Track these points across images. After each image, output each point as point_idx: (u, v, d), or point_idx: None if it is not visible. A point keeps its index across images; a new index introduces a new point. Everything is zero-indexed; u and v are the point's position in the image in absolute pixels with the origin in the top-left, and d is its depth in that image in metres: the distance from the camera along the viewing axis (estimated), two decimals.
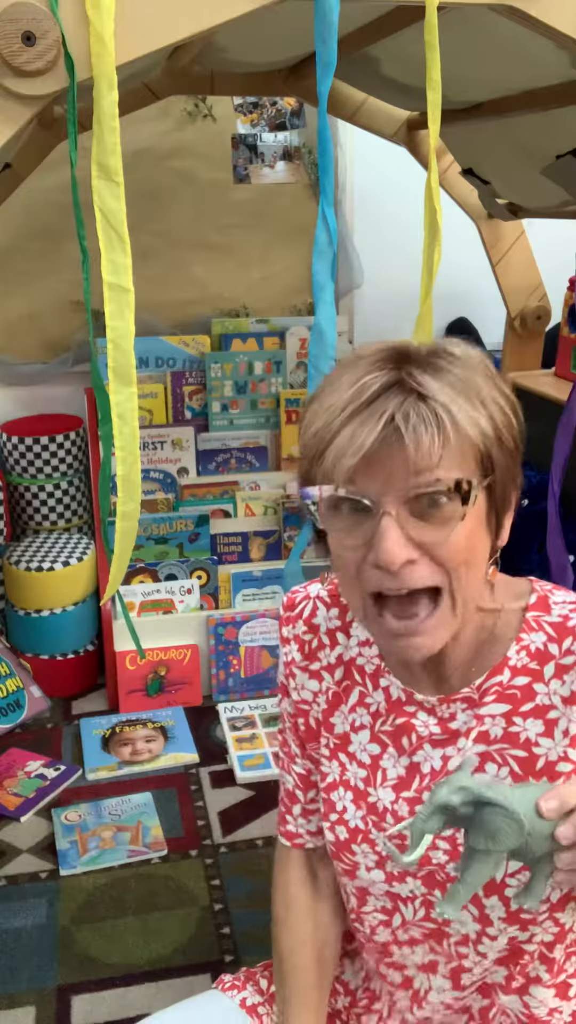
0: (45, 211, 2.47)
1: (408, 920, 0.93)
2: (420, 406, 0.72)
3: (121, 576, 1.27)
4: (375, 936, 0.96)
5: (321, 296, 1.19)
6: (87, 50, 1.02)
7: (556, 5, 1.13)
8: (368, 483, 0.74)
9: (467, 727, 0.86)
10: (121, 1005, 1.52)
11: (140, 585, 2.42)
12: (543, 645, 0.85)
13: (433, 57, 1.11)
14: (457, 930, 0.89)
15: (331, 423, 0.74)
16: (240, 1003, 1.03)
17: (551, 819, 0.66)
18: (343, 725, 0.94)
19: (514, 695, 0.85)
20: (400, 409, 0.72)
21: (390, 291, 2.69)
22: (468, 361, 0.77)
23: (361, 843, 0.92)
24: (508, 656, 0.85)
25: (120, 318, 1.11)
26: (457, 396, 0.73)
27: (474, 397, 0.74)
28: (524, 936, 0.87)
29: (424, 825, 0.69)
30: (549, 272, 2.46)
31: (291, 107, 2.58)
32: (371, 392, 0.73)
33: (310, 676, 0.96)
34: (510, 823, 0.66)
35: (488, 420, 0.75)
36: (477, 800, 0.67)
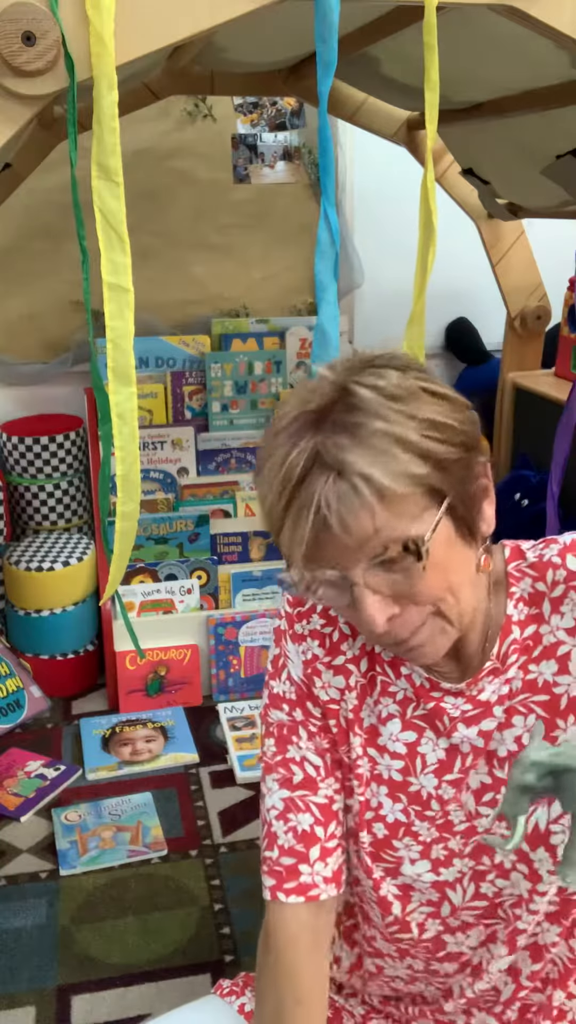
0: (45, 211, 2.47)
1: (458, 905, 0.92)
2: (341, 485, 0.71)
3: (120, 576, 1.27)
4: (424, 934, 0.94)
5: (324, 296, 1.19)
6: (87, 50, 1.02)
7: (556, 5, 1.13)
8: (328, 562, 0.75)
9: (498, 696, 0.87)
10: (121, 1005, 1.52)
11: (140, 585, 2.42)
12: (531, 587, 0.86)
13: (432, 58, 1.11)
14: (511, 893, 0.89)
15: (273, 510, 0.76)
16: (238, 1009, 1.03)
17: None
18: (371, 718, 0.91)
19: (527, 645, 0.86)
20: (323, 494, 0.72)
21: (390, 291, 2.69)
22: (388, 394, 0.74)
23: (403, 837, 0.91)
24: (509, 614, 0.86)
25: (120, 318, 1.11)
26: (378, 457, 0.71)
27: (396, 446, 0.72)
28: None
29: (513, 809, 0.70)
30: (549, 272, 2.46)
31: (291, 107, 2.58)
32: (297, 474, 0.73)
33: (335, 672, 0.91)
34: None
35: (420, 458, 0.73)
36: (552, 770, 0.68)
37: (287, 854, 0.92)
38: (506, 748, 0.86)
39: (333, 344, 1.21)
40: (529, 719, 0.85)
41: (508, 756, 0.86)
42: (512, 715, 0.86)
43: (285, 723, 0.93)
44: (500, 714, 0.87)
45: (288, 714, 0.93)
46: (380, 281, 2.71)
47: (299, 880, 0.91)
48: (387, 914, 0.94)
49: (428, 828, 0.90)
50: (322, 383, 0.78)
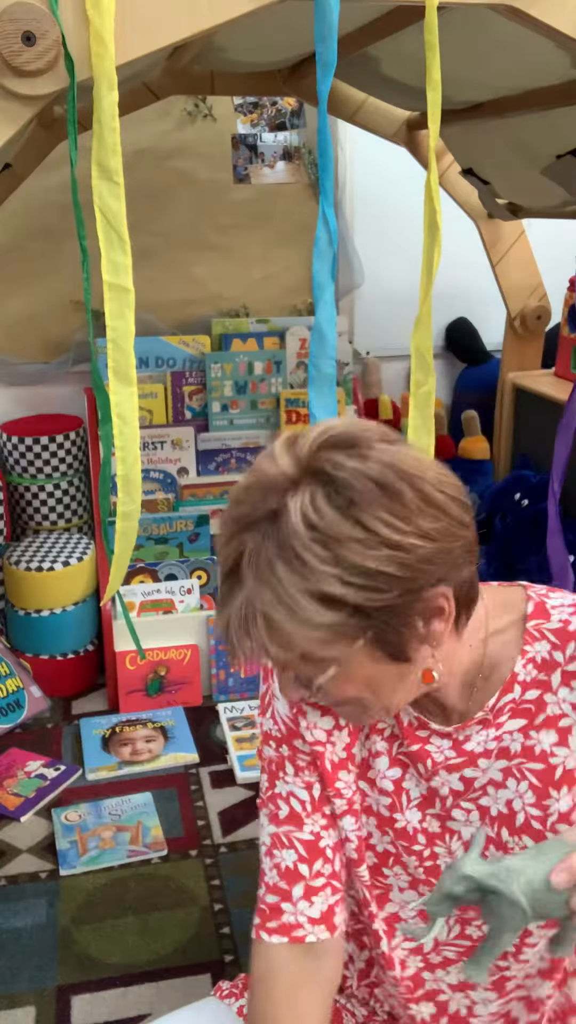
0: (45, 211, 2.47)
1: (441, 941, 0.91)
2: (247, 614, 0.72)
3: (121, 576, 1.27)
4: (405, 970, 0.94)
5: (321, 296, 1.19)
6: (87, 50, 1.02)
7: (556, 5, 1.13)
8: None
9: (483, 747, 0.86)
10: (121, 1005, 1.52)
11: (140, 585, 2.42)
12: (548, 654, 0.84)
13: (433, 57, 1.11)
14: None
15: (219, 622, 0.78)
16: (238, 1011, 1.02)
17: (561, 890, 0.69)
18: (362, 752, 0.91)
19: (528, 709, 0.84)
20: (231, 613, 0.73)
21: (390, 291, 2.70)
22: (319, 535, 0.69)
23: (393, 866, 0.91)
24: (515, 672, 0.84)
25: (120, 318, 1.11)
26: (281, 601, 0.70)
27: (304, 596, 0.69)
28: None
29: (436, 909, 0.72)
30: (549, 272, 2.46)
31: (291, 107, 2.58)
32: (223, 577, 0.75)
33: (322, 713, 0.89)
34: (514, 909, 0.69)
35: (330, 608, 0.69)
36: (480, 888, 0.70)
37: (271, 891, 0.89)
38: (497, 808, 0.86)
39: (331, 344, 1.21)
40: (522, 784, 0.85)
41: (499, 816, 0.86)
42: (508, 777, 0.85)
43: (273, 759, 0.91)
44: (486, 765, 0.86)
45: (276, 750, 0.91)
46: (380, 281, 2.71)
47: (281, 919, 0.87)
48: (376, 947, 0.95)
49: (416, 865, 0.90)
50: (274, 481, 0.72)
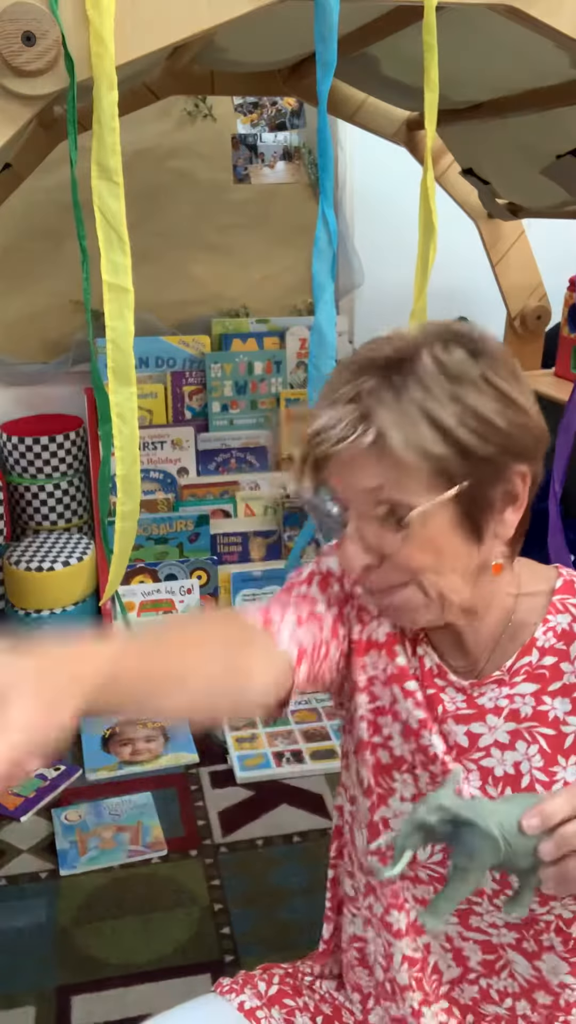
0: (45, 211, 2.47)
1: (420, 860, 0.92)
2: (362, 432, 0.75)
3: (120, 576, 1.27)
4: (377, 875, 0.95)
5: (321, 296, 1.19)
6: (87, 50, 1.02)
7: (556, 5, 1.13)
8: (336, 491, 0.80)
9: (493, 703, 0.87)
10: (121, 1005, 1.52)
11: (140, 585, 2.42)
12: (569, 626, 0.86)
13: (431, 58, 1.11)
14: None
15: (312, 427, 0.79)
16: (238, 1007, 1.03)
17: (532, 835, 0.67)
18: (403, 659, 0.92)
19: (543, 674, 0.86)
20: (345, 430, 0.75)
21: (390, 291, 2.69)
22: (436, 369, 0.76)
23: (404, 772, 0.92)
24: (535, 637, 0.87)
25: (120, 318, 1.11)
26: (402, 418, 0.74)
27: (421, 418, 0.74)
28: (542, 909, 0.88)
29: (405, 842, 0.70)
30: (549, 272, 2.46)
31: (291, 107, 2.58)
32: (340, 395, 0.77)
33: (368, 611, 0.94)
34: (487, 842, 0.67)
35: (439, 438, 0.74)
36: (455, 819, 0.68)
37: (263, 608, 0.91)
38: (503, 769, 0.87)
39: (331, 344, 1.21)
40: (532, 748, 0.86)
41: (504, 777, 0.87)
42: (517, 739, 0.86)
43: (302, 593, 0.94)
44: (494, 723, 0.87)
45: (307, 589, 0.94)
46: (380, 281, 2.70)
47: (268, 613, 0.90)
48: (373, 840, 0.94)
49: (427, 781, 0.91)
50: (402, 340, 0.80)
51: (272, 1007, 1.03)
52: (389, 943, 0.97)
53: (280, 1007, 1.04)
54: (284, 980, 1.07)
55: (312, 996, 1.06)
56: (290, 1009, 1.03)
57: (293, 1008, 1.04)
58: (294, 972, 1.09)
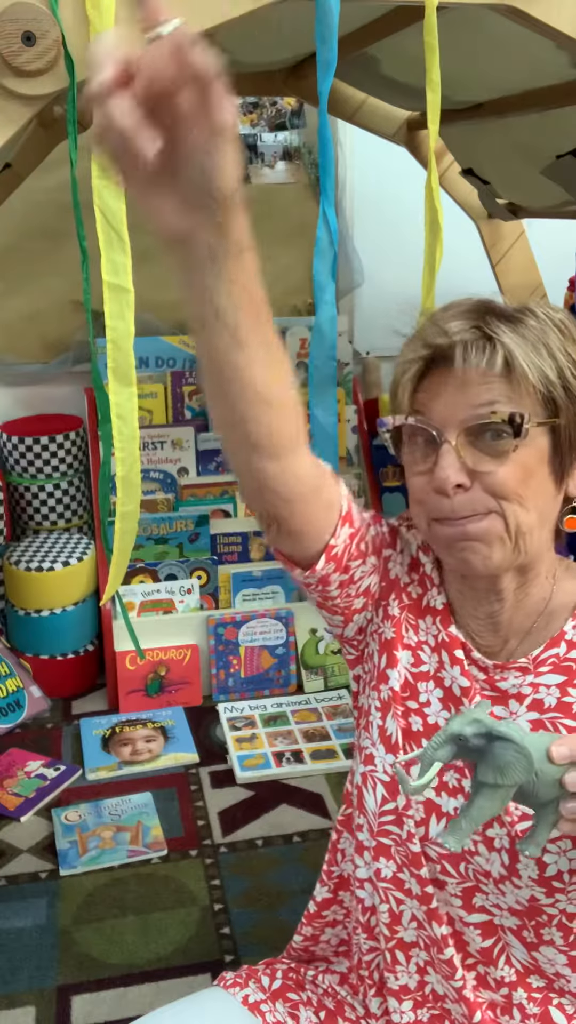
0: (45, 211, 2.46)
1: (431, 835, 0.92)
2: (484, 344, 0.80)
3: (121, 576, 1.27)
4: (410, 843, 0.94)
5: (322, 296, 1.19)
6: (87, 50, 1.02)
7: (556, 5, 1.13)
8: (432, 414, 0.82)
9: (517, 690, 0.88)
10: (121, 1005, 1.52)
11: (140, 585, 2.42)
12: None
13: (432, 58, 1.11)
14: (480, 863, 0.89)
15: (405, 357, 0.84)
16: (242, 1000, 1.03)
17: (560, 764, 0.68)
18: (454, 628, 0.93)
19: (570, 667, 0.87)
20: (467, 345, 0.80)
21: (390, 291, 2.69)
22: (547, 319, 0.83)
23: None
24: (565, 630, 0.88)
25: (120, 318, 1.11)
26: (524, 343, 0.80)
27: (541, 347, 0.81)
28: (548, 901, 0.88)
29: (435, 754, 0.70)
30: (549, 272, 2.45)
31: (291, 107, 2.58)
32: (450, 336, 0.81)
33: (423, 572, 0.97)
34: (520, 758, 0.68)
35: (554, 368, 0.81)
36: (490, 733, 0.69)
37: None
38: None
39: (331, 344, 1.21)
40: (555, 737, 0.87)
41: None
42: (539, 728, 0.87)
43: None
44: (515, 709, 0.88)
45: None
46: (380, 281, 2.70)
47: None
48: (388, 802, 0.93)
49: (394, 764, 0.92)
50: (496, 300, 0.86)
51: (276, 1001, 1.04)
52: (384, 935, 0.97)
53: (284, 1001, 1.04)
54: (287, 975, 1.07)
55: (315, 991, 1.06)
56: (294, 1003, 1.04)
57: (297, 1002, 1.04)
58: (296, 967, 1.10)
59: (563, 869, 0.85)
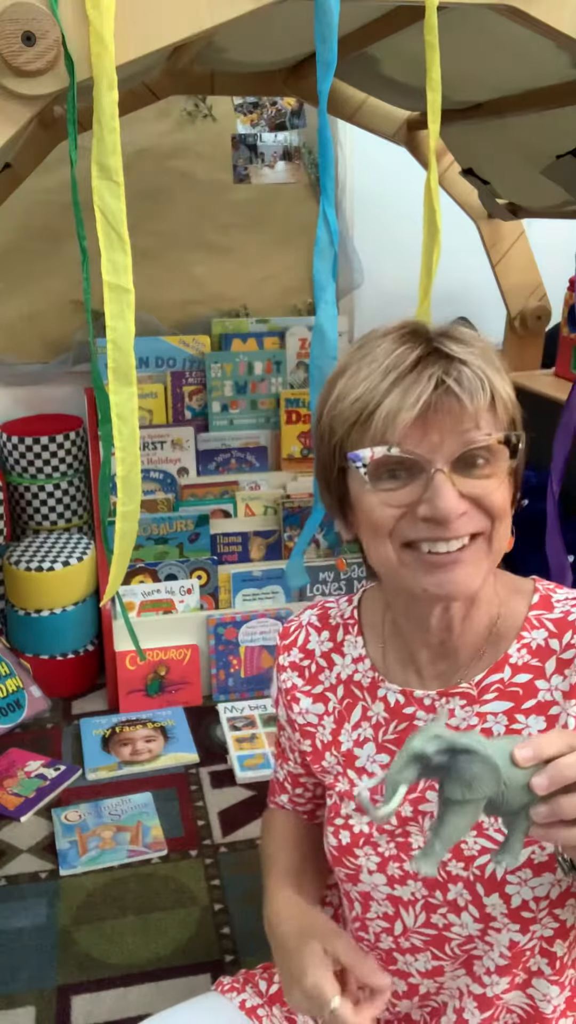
0: (45, 211, 2.46)
1: (409, 927, 0.92)
2: (464, 369, 0.78)
3: (121, 576, 1.27)
4: (379, 943, 0.96)
5: (322, 296, 1.19)
6: (87, 50, 1.02)
7: (556, 5, 1.13)
8: (419, 443, 0.78)
9: (465, 724, 0.87)
10: (121, 1005, 1.52)
11: (140, 585, 2.42)
12: (544, 641, 0.86)
13: (433, 57, 1.11)
14: (459, 933, 0.89)
15: (375, 388, 0.79)
16: (239, 1005, 1.03)
17: (526, 767, 0.65)
18: (348, 742, 0.95)
19: (516, 692, 0.86)
20: (447, 372, 0.78)
21: (390, 291, 2.69)
22: (480, 339, 0.83)
23: (363, 846, 0.93)
24: (509, 654, 0.87)
25: (120, 318, 1.11)
26: (487, 366, 0.79)
27: (499, 367, 0.81)
28: (524, 939, 0.87)
29: (399, 776, 0.68)
30: (549, 272, 2.46)
31: (291, 107, 2.58)
32: (412, 359, 0.78)
33: (314, 700, 0.98)
34: (486, 768, 0.65)
35: (510, 388, 0.82)
36: (452, 747, 0.67)
37: (274, 783, 1.14)
38: None
39: (332, 344, 1.21)
40: (517, 740, 0.86)
41: None
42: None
43: (282, 743, 1.08)
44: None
45: (280, 734, 1.08)
46: (380, 281, 2.71)
47: (276, 799, 1.14)
48: (351, 910, 0.97)
49: (387, 841, 0.91)
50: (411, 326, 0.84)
51: (273, 1005, 1.03)
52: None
53: (281, 1005, 1.04)
54: None
55: None
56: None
57: None
58: None
59: (527, 898, 0.85)
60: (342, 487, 0.86)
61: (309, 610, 1.03)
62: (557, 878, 0.69)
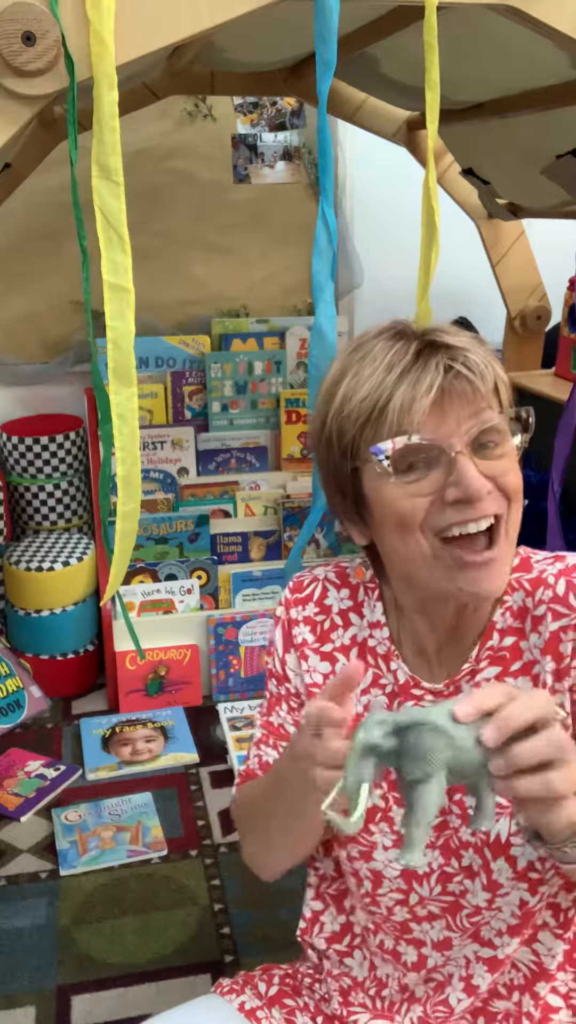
0: (45, 211, 2.46)
1: (425, 897, 0.93)
2: (468, 355, 0.80)
3: (121, 576, 1.27)
4: (393, 916, 0.95)
5: (321, 296, 1.19)
6: (87, 50, 1.02)
7: (556, 5, 1.13)
8: (437, 428, 0.79)
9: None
10: (121, 1005, 1.52)
11: (140, 585, 2.42)
12: (522, 602, 0.88)
13: (432, 58, 1.11)
14: (470, 902, 0.90)
15: (381, 384, 0.80)
16: (239, 1007, 1.03)
17: (468, 722, 0.66)
18: (357, 706, 0.93)
19: (503, 656, 0.88)
20: (452, 358, 0.79)
21: (390, 291, 2.69)
22: (465, 332, 0.85)
23: (379, 822, 0.92)
24: (494, 620, 0.88)
25: (120, 318, 1.11)
26: (484, 351, 0.82)
27: (492, 352, 0.84)
28: (534, 900, 0.88)
29: (357, 776, 0.67)
30: (549, 272, 2.46)
31: (291, 107, 2.58)
32: (412, 352, 0.80)
33: (322, 658, 0.96)
34: (435, 735, 0.65)
35: (504, 373, 0.84)
36: (397, 727, 0.67)
37: (247, 774, 1.04)
38: None
39: (331, 344, 1.21)
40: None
41: None
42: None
43: (273, 693, 1.03)
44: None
45: (276, 687, 1.02)
46: (380, 281, 2.70)
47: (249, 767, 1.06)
48: (360, 887, 0.96)
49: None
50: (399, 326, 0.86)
51: (272, 1007, 1.03)
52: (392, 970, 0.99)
53: (280, 1007, 1.04)
54: (284, 980, 1.07)
55: (312, 996, 1.06)
56: (290, 1009, 1.03)
57: (293, 1008, 1.04)
58: (294, 972, 1.09)
59: (532, 859, 0.86)
60: (357, 488, 0.85)
61: (322, 567, 1.00)
62: (499, 791, 0.69)
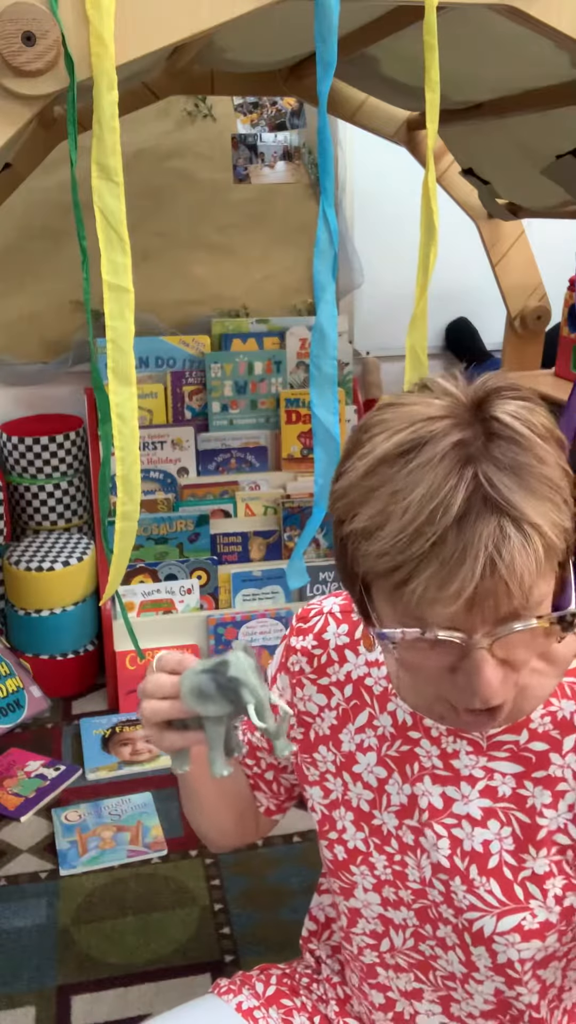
0: (45, 211, 2.46)
1: (396, 947, 0.91)
2: (513, 533, 0.63)
3: (120, 576, 1.27)
4: (361, 956, 0.95)
5: (322, 296, 1.19)
6: (87, 50, 1.02)
7: (556, 5, 1.13)
8: (457, 621, 0.66)
9: (470, 773, 0.84)
10: (121, 1005, 1.52)
11: (140, 585, 2.42)
12: (570, 715, 0.81)
13: (432, 58, 1.11)
14: (444, 967, 0.88)
15: (406, 551, 0.64)
16: (236, 1007, 1.03)
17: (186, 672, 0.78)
18: (350, 744, 0.92)
19: (528, 759, 0.82)
20: (494, 542, 0.62)
21: (390, 291, 2.70)
22: (538, 432, 0.67)
23: (360, 864, 0.91)
24: (531, 718, 0.81)
25: (120, 318, 1.11)
26: (541, 504, 0.64)
27: (556, 494, 0.65)
28: (511, 993, 0.86)
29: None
30: (549, 272, 2.46)
31: (291, 107, 2.58)
32: (454, 512, 0.63)
33: (318, 690, 0.94)
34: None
35: (570, 516, 0.66)
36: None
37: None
38: (472, 845, 0.84)
39: (332, 344, 1.21)
40: (505, 830, 0.83)
41: (471, 853, 0.83)
42: (491, 817, 0.83)
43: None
44: (467, 792, 0.84)
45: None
46: (380, 281, 2.71)
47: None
48: (338, 920, 0.96)
49: (384, 865, 0.89)
50: (445, 399, 0.68)
51: (270, 1007, 1.03)
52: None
53: (278, 1007, 1.04)
54: (282, 980, 1.07)
55: (310, 996, 1.06)
56: (288, 1009, 1.03)
57: (291, 1008, 1.04)
58: (292, 972, 1.09)
59: (512, 958, 0.83)
60: (367, 590, 0.74)
61: (334, 597, 0.97)
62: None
